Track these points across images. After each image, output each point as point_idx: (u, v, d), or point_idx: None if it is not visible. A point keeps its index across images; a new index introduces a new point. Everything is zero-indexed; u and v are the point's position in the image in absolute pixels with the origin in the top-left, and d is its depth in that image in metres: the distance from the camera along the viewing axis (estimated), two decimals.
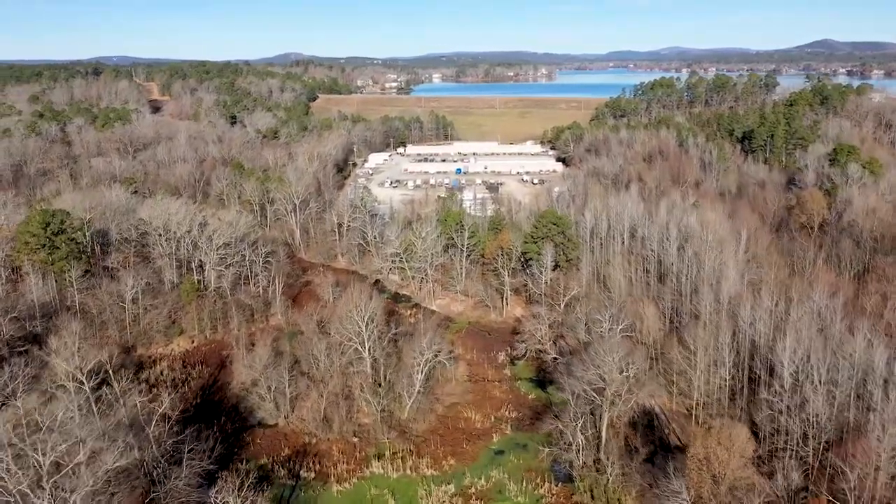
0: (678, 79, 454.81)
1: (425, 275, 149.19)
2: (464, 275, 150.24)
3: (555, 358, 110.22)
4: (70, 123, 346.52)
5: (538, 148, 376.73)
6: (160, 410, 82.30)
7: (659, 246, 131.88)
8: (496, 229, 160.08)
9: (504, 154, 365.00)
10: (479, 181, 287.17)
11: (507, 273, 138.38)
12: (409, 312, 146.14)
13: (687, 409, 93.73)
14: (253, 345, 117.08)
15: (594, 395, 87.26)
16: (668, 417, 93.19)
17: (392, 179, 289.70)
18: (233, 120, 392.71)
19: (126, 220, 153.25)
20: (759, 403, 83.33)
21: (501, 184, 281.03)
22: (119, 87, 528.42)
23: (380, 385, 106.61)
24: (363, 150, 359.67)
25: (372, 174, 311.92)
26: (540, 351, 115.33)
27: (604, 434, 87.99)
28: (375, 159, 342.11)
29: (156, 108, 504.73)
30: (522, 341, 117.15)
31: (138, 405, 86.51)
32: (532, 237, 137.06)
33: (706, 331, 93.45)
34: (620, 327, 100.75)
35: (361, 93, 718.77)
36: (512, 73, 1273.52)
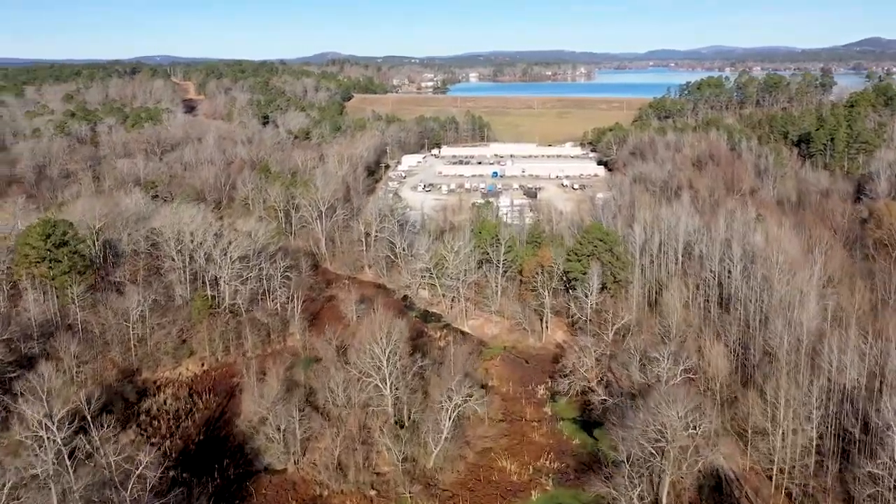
0: (727, 78, 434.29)
1: (457, 293, 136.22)
2: (499, 293, 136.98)
3: (603, 399, 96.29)
4: (100, 123, 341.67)
5: (578, 150, 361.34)
6: (137, 471, 70.32)
7: (720, 266, 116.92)
8: (535, 243, 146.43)
9: (542, 156, 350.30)
10: (515, 186, 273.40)
11: (547, 293, 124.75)
12: (438, 334, 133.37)
13: (765, 473, 79.11)
14: (264, 373, 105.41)
15: (653, 452, 73.37)
16: (742, 481, 78.72)
17: (425, 183, 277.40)
18: (265, 120, 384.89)
19: (139, 229, 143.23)
20: (858, 474, 68.53)
21: (540, 188, 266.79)
22: (154, 86, 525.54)
23: (402, 426, 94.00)
24: (396, 152, 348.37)
25: (405, 177, 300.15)
26: (586, 389, 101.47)
27: (664, 500, 74.10)
28: (409, 161, 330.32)
29: (190, 107, 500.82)
30: (565, 375, 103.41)
31: (112, 464, 74.51)
32: (576, 254, 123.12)
33: (788, 378, 78.70)
34: (682, 368, 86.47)
35: (397, 92, 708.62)
36: (550, 73, 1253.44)
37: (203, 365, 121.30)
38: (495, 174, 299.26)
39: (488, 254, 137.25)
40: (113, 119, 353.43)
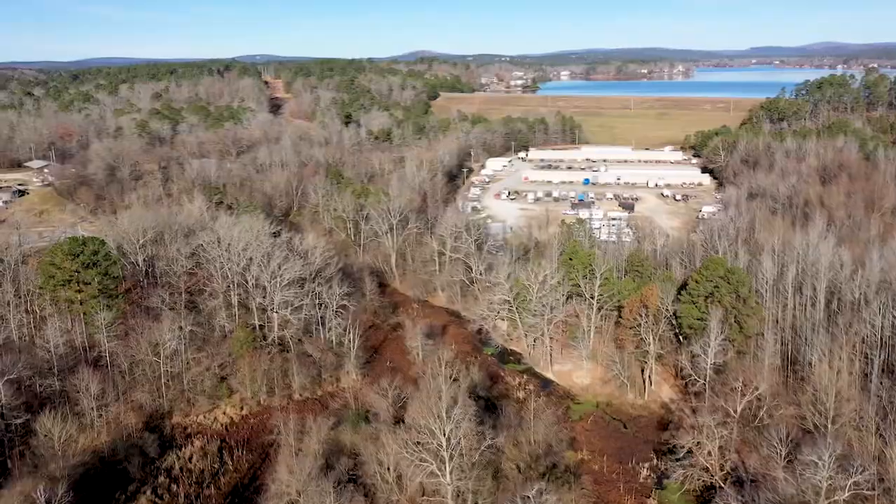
0: (851, 76, 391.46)
1: (541, 333, 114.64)
2: (591, 334, 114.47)
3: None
4: (183, 122, 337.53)
5: (678, 155, 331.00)
6: None
7: (883, 318, 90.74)
8: (636, 271, 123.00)
9: (639, 162, 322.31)
10: (609, 195, 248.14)
11: (651, 340, 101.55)
12: (517, 380, 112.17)
13: None
14: (302, 433, 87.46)
15: None
16: None
17: (510, 190, 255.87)
18: (348, 119, 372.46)
19: (191, 243, 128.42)
20: None
21: (637, 199, 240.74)
22: (241, 85, 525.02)
23: None
24: (481, 155, 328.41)
25: (488, 182, 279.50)
26: (708, 484, 78.08)
27: None
28: (493, 165, 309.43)
29: (276, 106, 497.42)
30: (678, 459, 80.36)
31: None
32: (690, 295, 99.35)
33: None
34: (852, 480, 62.25)
35: (485, 91, 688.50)
36: (646, 71, 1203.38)
37: (242, 408, 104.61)
38: (587, 181, 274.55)
39: (580, 286, 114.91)
40: (196, 118, 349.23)
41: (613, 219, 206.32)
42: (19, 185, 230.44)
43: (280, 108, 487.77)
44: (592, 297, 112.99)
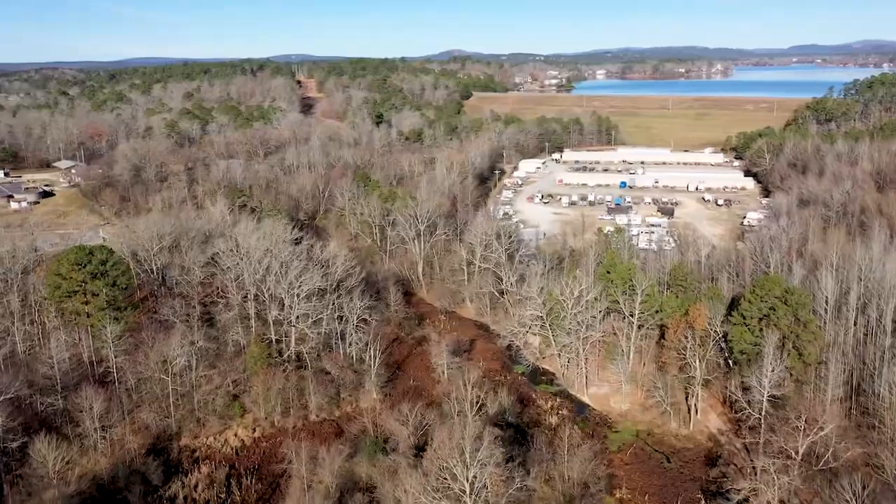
0: None
1: (576, 353, 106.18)
2: (631, 355, 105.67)
3: None
4: (212, 122, 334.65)
5: (719, 157, 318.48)
6: None
7: None
8: (680, 286, 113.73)
9: (678, 164, 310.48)
10: (647, 199, 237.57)
11: (698, 364, 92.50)
12: (549, 404, 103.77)
13: None
14: (315, 461, 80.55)
15: None
16: None
17: (543, 193, 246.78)
18: (379, 119, 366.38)
19: (207, 250, 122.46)
20: None
21: (677, 203, 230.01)
22: (273, 84, 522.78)
23: None
24: (513, 156, 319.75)
25: (521, 185, 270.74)
26: None
27: None
28: (526, 167, 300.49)
29: (308, 106, 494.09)
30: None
31: None
32: (743, 317, 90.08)
33: None
34: None
35: (518, 91, 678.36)
36: (683, 70, 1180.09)
37: (255, 430, 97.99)
38: (623, 184, 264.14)
39: (618, 302, 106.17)
40: (226, 118, 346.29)
41: (652, 225, 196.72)
42: (45, 185, 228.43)
43: (312, 107, 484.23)
44: (632, 315, 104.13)
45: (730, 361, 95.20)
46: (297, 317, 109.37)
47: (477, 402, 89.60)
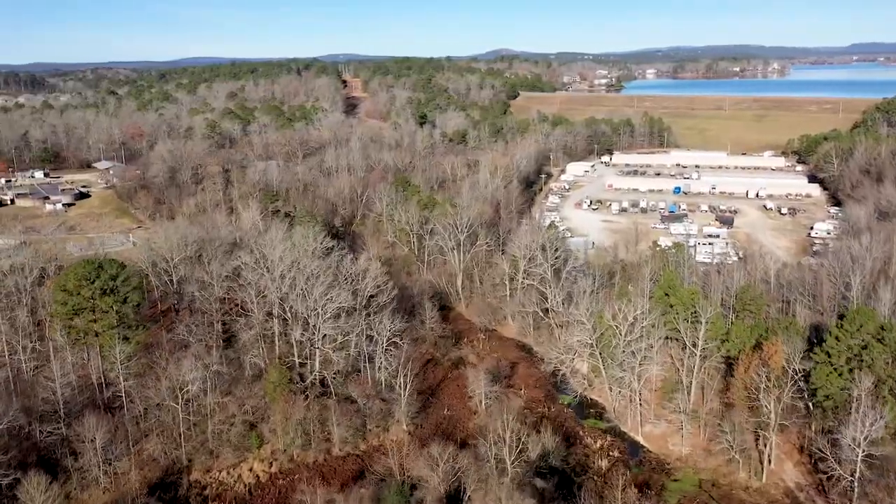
0: None
1: (631, 389, 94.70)
2: (693, 390, 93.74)
3: None
4: (254, 122, 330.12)
5: (780, 161, 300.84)
6: None
7: None
8: (748, 310, 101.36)
9: (736, 168, 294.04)
10: (704, 206, 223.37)
11: (773, 408, 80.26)
12: (598, 444, 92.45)
13: None
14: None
15: None
16: None
17: (592, 199, 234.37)
18: (423, 120, 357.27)
19: (226, 266, 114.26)
20: None
21: (736, 212, 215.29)
22: (318, 84, 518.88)
23: None
24: (561, 159, 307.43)
25: (568, 189, 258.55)
26: None
27: None
28: (574, 170, 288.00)
29: (353, 105, 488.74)
30: None
31: None
32: (828, 356, 77.54)
33: None
34: None
35: (567, 90, 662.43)
36: (738, 69, 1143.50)
37: (272, 464, 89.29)
38: (677, 190, 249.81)
39: (678, 329, 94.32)
40: (267, 118, 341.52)
41: (710, 235, 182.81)
42: (83, 186, 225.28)
43: (356, 107, 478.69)
44: (695, 346, 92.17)
45: (810, 405, 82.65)
46: (323, 336, 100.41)
47: (517, 446, 79.02)
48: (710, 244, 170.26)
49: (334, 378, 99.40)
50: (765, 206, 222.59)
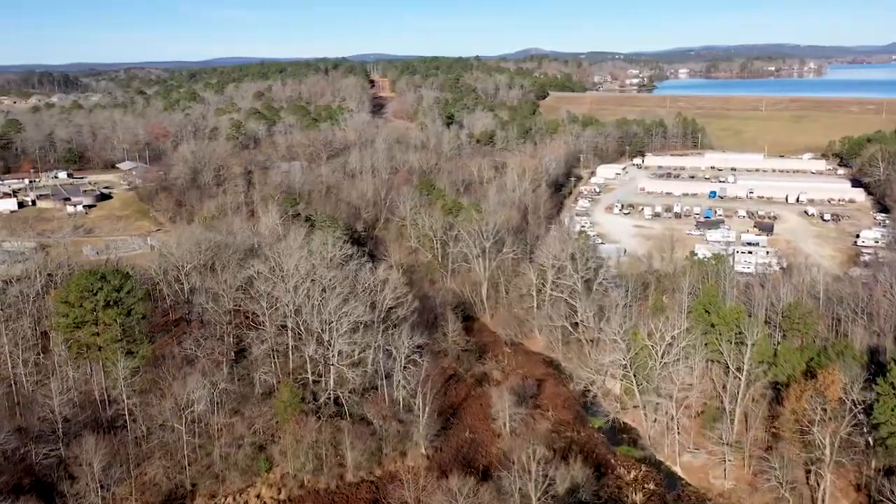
0: None
1: (668, 415, 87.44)
2: (736, 418, 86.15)
3: None
4: (279, 122, 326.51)
5: (821, 164, 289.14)
6: None
7: None
8: (795, 329, 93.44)
9: (774, 171, 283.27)
10: (741, 211, 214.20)
11: (829, 442, 72.54)
12: (632, 475, 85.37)
13: None
14: None
15: None
16: None
17: (623, 203, 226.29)
18: (450, 120, 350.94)
19: (238, 276, 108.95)
20: None
21: (775, 217, 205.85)
22: (345, 83, 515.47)
23: None
24: (591, 161, 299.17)
25: (598, 193, 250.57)
26: None
27: None
28: (605, 173, 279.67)
29: (380, 105, 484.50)
30: None
31: None
32: (893, 388, 69.65)
33: None
34: None
35: (597, 90, 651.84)
36: (773, 69, 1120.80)
37: (280, 491, 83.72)
38: (713, 194, 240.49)
39: (720, 350, 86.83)
40: (293, 118, 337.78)
41: (749, 243, 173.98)
42: (105, 187, 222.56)
43: (383, 107, 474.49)
44: (739, 370, 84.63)
45: (870, 440, 74.78)
46: (338, 353, 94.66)
47: (544, 479, 72.36)
48: (749, 252, 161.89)
49: (349, 397, 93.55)
50: (806, 212, 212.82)
